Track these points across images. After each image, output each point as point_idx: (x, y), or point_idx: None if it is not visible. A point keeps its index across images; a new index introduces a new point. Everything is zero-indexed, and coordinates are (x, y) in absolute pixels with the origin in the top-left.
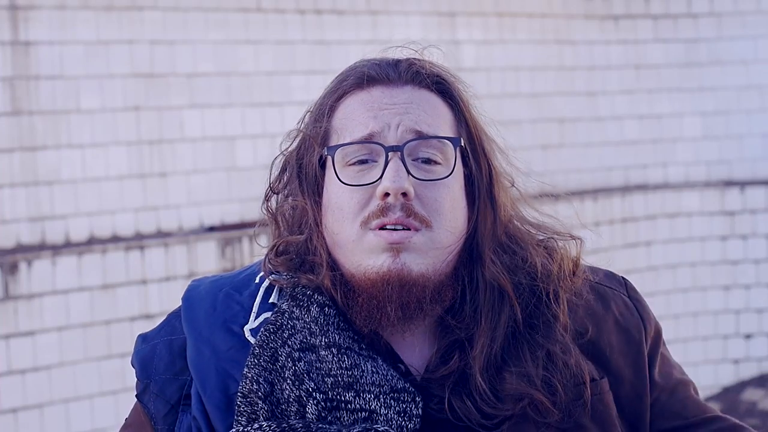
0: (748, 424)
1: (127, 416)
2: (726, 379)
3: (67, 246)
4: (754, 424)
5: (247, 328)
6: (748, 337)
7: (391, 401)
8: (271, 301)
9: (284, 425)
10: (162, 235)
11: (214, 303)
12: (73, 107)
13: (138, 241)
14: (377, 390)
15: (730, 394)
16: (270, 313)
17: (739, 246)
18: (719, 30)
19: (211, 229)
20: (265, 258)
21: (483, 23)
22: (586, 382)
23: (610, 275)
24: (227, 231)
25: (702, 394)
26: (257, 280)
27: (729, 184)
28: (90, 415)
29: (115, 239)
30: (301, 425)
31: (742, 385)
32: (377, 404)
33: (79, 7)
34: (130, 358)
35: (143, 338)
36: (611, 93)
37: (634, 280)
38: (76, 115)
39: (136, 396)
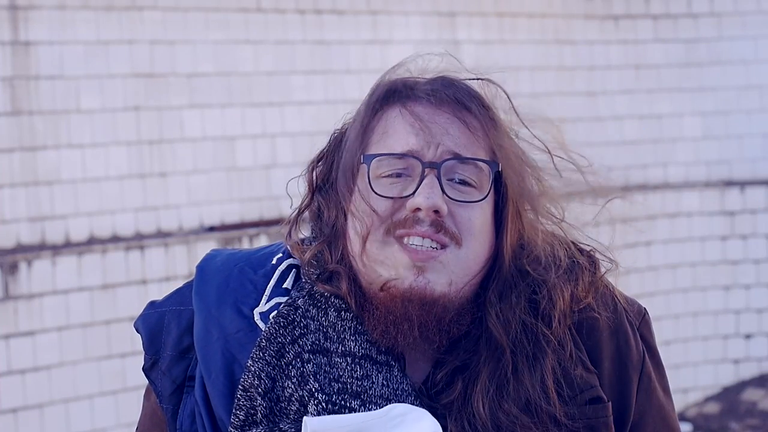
0: (748, 424)
1: (137, 424)
2: (726, 379)
3: (67, 246)
4: (754, 424)
5: (257, 311)
6: (748, 337)
7: None
8: (285, 286)
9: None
10: (162, 235)
11: (228, 278)
12: (73, 107)
13: (138, 241)
14: (384, 403)
15: (730, 394)
16: (283, 298)
17: (739, 246)
18: (719, 30)
19: (211, 229)
20: (288, 235)
21: (483, 23)
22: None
23: (632, 302)
24: (227, 231)
25: (702, 394)
26: (274, 261)
27: (729, 184)
28: (90, 415)
29: (115, 239)
30: (293, 430)
31: (742, 385)
32: None
33: (79, 7)
34: (129, 358)
35: (152, 304)
36: (611, 93)
37: (634, 280)
38: (76, 115)
39: (143, 370)
